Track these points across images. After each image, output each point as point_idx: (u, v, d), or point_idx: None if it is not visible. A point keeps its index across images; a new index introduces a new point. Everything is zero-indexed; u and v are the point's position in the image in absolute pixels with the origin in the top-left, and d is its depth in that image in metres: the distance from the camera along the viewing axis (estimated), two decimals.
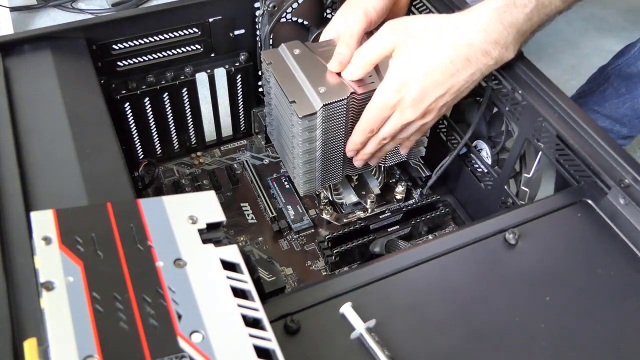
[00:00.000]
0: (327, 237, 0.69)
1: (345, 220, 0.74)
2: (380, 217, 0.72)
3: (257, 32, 0.72)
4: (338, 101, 0.58)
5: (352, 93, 0.59)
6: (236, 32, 0.72)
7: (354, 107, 0.61)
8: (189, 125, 0.78)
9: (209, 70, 0.73)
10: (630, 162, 0.49)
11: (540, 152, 0.61)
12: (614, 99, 0.96)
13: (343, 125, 0.62)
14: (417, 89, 0.55)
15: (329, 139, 0.62)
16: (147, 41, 0.67)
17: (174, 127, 0.77)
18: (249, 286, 0.36)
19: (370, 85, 0.60)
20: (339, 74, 0.61)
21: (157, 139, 0.77)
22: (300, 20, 0.70)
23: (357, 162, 0.66)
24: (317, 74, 0.60)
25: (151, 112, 0.73)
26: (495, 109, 0.68)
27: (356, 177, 0.76)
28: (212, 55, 0.73)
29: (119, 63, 0.67)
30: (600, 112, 0.99)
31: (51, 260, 0.34)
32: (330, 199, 0.74)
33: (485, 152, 0.70)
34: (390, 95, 0.56)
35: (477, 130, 0.71)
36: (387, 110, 0.58)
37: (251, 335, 0.33)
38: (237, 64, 0.74)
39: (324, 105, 0.58)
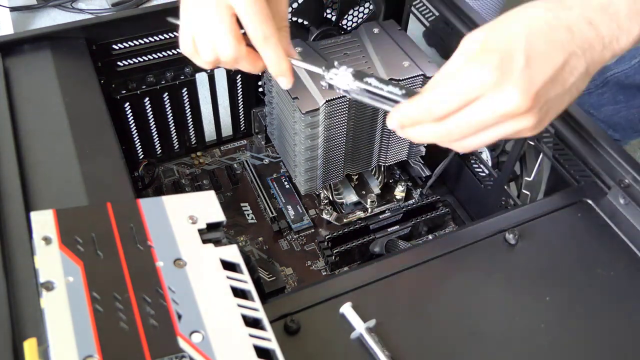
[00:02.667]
0: (327, 237, 0.69)
1: (345, 220, 0.74)
2: (380, 217, 0.72)
3: None
4: (341, 97, 0.59)
5: None
6: None
7: (357, 104, 0.61)
8: (189, 125, 0.78)
9: (209, 70, 0.73)
10: (630, 162, 0.49)
11: (541, 155, 0.61)
12: (611, 105, 0.96)
13: (345, 122, 0.62)
14: (522, 60, 0.38)
15: (331, 136, 0.62)
16: (147, 41, 0.67)
17: (174, 127, 0.77)
18: (249, 286, 0.36)
19: None
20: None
21: (157, 139, 0.77)
22: (300, 20, 0.70)
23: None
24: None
25: (151, 112, 0.73)
26: None
27: (356, 176, 0.76)
28: None
29: (119, 63, 0.67)
30: (595, 115, 0.99)
31: (51, 260, 0.34)
32: (331, 198, 0.74)
33: (485, 155, 0.70)
34: (490, 72, 0.38)
35: None
36: (474, 92, 0.39)
37: (251, 335, 0.33)
38: None
39: (326, 101, 0.58)
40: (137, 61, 0.68)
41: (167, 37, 0.68)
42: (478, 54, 0.40)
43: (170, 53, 0.70)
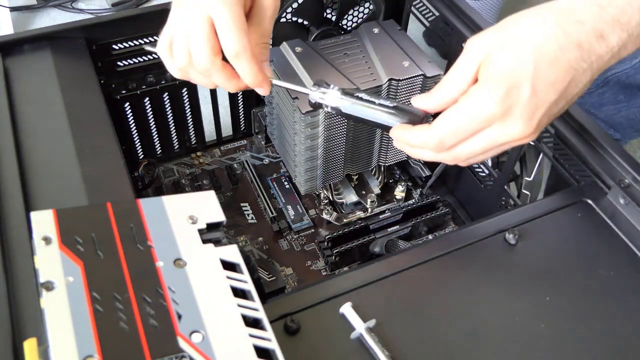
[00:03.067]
0: (327, 237, 0.69)
1: (345, 220, 0.74)
2: (380, 217, 0.72)
3: None
4: None
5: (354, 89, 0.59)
6: None
7: None
8: (189, 125, 0.78)
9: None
10: (630, 162, 0.49)
11: (541, 155, 0.61)
12: (611, 104, 0.97)
13: (345, 122, 0.62)
14: (528, 91, 0.39)
15: (331, 136, 0.62)
16: (147, 41, 0.67)
17: (174, 127, 0.77)
18: (249, 286, 0.36)
19: (372, 82, 0.60)
20: (339, 70, 0.61)
21: (157, 139, 0.77)
22: (300, 20, 0.70)
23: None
24: (319, 71, 0.60)
25: (151, 112, 0.73)
26: None
27: (356, 176, 0.76)
28: None
29: (119, 63, 0.67)
30: (596, 115, 0.99)
31: (51, 260, 0.34)
32: (331, 198, 0.74)
33: None
34: (496, 106, 0.40)
35: None
36: (482, 124, 0.41)
37: (251, 335, 0.33)
38: None
39: None
40: (137, 61, 0.68)
41: None
42: (484, 81, 0.41)
43: None
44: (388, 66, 0.62)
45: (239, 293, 0.36)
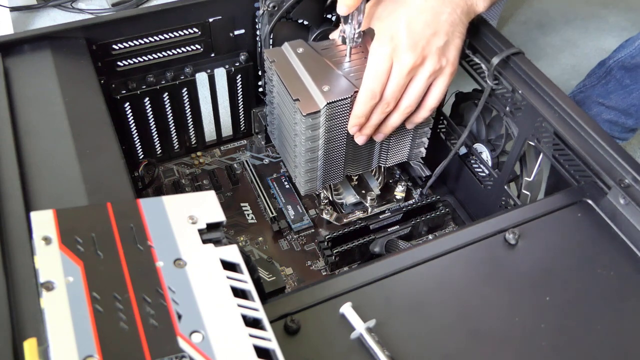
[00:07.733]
0: (327, 237, 0.69)
1: (345, 220, 0.74)
2: (380, 217, 0.72)
3: (257, 32, 0.72)
4: (342, 100, 0.58)
5: (355, 92, 0.59)
6: (236, 32, 0.72)
7: None
8: (189, 125, 0.78)
9: (209, 70, 0.73)
10: (630, 162, 0.49)
11: (541, 155, 0.61)
12: (619, 90, 0.97)
13: (346, 124, 0.62)
14: (405, 32, 0.55)
15: (331, 138, 0.62)
16: (147, 41, 0.67)
17: (174, 127, 0.77)
18: (249, 286, 0.36)
19: None
20: (341, 71, 0.61)
21: (157, 139, 0.77)
22: (300, 20, 0.70)
23: (360, 139, 0.63)
24: (320, 72, 0.60)
25: (151, 112, 0.73)
26: (494, 112, 0.68)
27: (356, 177, 0.76)
28: (212, 55, 0.73)
29: (119, 63, 0.67)
30: (605, 104, 0.99)
31: (51, 260, 0.34)
32: (331, 198, 0.74)
33: (485, 155, 0.70)
34: (383, 48, 0.56)
35: (477, 134, 0.71)
36: (385, 64, 0.56)
37: (251, 335, 0.33)
38: (237, 64, 0.74)
39: (328, 103, 0.58)
40: (137, 61, 0.68)
41: (167, 37, 0.68)
42: (375, 36, 0.57)
43: (170, 53, 0.70)
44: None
45: (239, 293, 0.36)
